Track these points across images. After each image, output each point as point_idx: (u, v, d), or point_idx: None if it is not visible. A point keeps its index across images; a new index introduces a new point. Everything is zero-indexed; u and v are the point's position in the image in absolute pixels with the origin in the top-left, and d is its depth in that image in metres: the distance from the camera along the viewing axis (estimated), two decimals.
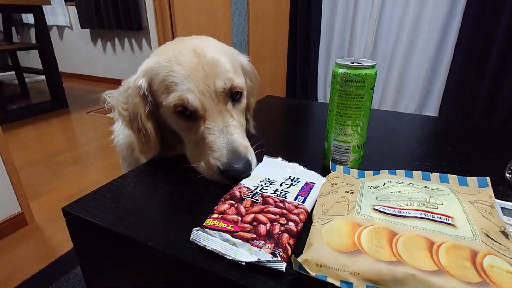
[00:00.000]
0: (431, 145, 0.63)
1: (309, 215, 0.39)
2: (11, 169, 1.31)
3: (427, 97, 2.38)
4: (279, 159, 0.53)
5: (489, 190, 0.39)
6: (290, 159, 0.52)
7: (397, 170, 0.49)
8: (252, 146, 0.52)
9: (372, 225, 0.30)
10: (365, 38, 2.53)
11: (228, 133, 0.48)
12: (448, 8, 2.12)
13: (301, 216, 0.38)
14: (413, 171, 0.48)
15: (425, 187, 0.43)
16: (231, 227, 0.35)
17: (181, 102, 0.47)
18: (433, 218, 0.32)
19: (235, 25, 2.14)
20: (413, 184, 0.44)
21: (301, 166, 0.51)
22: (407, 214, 0.33)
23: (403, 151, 0.61)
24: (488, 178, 0.41)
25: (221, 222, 0.36)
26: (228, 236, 0.34)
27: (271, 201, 0.40)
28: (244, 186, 0.44)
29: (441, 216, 0.32)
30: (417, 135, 0.71)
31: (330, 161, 0.52)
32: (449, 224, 0.31)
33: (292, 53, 2.78)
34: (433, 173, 0.47)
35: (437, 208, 0.35)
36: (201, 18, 1.96)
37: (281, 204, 0.40)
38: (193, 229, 0.35)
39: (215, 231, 0.35)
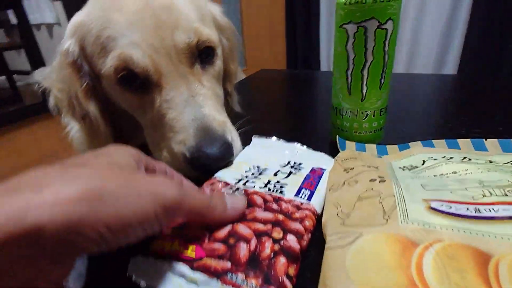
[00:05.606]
0: (477, 109, 0.48)
1: (319, 220, 0.25)
2: None
3: (443, 55, 2.13)
4: (274, 138, 0.39)
5: None
6: (289, 139, 0.38)
7: (434, 140, 0.35)
8: (234, 124, 0.38)
9: (439, 242, 0.16)
10: None
11: (195, 105, 0.33)
12: None
13: (307, 223, 0.24)
14: (458, 140, 0.35)
15: (490, 161, 0.29)
16: (192, 250, 0.21)
17: (123, 63, 0.32)
18: None
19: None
20: (470, 159, 0.30)
21: (304, 147, 0.37)
22: (494, 214, 0.18)
23: (438, 118, 0.46)
24: None
25: (176, 243, 0.22)
26: (186, 269, 0.20)
27: (259, 200, 0.26)
28: (220, 181, 0.30)
29: None
30: (453, 98, 0.56)
31: (337, 136, 0.38)
32: None
33: (291, 20, 2.54)
34: (488, 139, 0.34)
35: None
36: None
37: (274, 206, 0.26)
38: (132, 258, 0.22)
39: (166, 260, 0.21)
